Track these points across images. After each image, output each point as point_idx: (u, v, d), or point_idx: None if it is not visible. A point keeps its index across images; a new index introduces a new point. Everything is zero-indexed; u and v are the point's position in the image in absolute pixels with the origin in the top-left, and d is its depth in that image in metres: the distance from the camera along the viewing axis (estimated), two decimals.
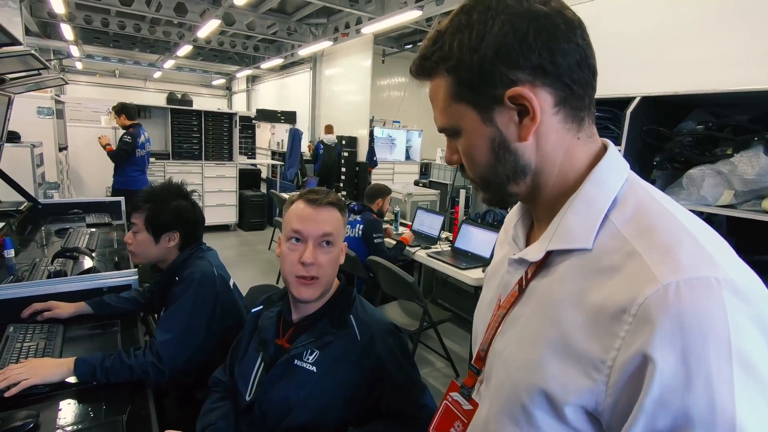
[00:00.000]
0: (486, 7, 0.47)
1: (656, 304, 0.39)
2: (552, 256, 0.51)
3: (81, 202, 3.12)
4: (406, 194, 4.73)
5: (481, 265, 2.85)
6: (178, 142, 5.90)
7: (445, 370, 2.95)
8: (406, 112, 9.87)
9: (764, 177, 1.29)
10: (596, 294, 0.44)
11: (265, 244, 5.73)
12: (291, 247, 1.01)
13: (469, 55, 0.47)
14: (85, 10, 7.92)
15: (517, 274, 0.55)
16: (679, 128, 1.57)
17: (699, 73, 1.65)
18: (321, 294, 1.03)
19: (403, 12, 5.68)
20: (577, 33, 0.47)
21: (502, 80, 0.47)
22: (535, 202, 0.55)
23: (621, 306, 0.42)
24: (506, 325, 0.55)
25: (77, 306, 1.51)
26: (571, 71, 0.47)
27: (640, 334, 0.40)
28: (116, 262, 1.97)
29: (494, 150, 0.50)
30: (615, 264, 0.44)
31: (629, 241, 0.45)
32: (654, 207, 0.47)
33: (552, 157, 0.50)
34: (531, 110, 0.47)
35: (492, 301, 0.61)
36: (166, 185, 1.52)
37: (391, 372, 1.00)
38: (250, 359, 1.09)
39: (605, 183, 0.49)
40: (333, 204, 1.05)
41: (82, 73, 13.40)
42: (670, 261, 0.41)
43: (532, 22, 0.46)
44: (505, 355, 0.54)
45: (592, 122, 0.51)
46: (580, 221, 0.49)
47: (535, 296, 0.52)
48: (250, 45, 10.32)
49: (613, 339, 0.42)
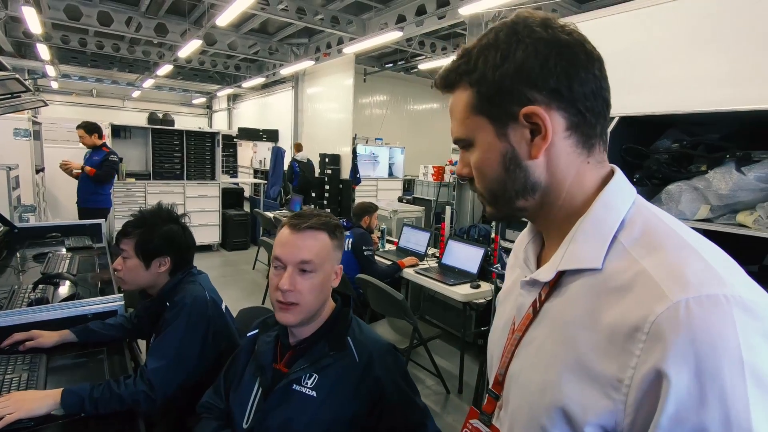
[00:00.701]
0: (513, 32, 0.50)
1: (667, 320, 0.41)
2: (564, 277, 0.52)
3: (59, 225, 3.04)
4: (391, 211, 4.77)
5: (468, 280, 2.88)
6: (159, 161, 5.83)
7: (436, 387, 2.94)
8: (388, 130, 9.98)
9: (737, 192, 1.36)
10: (608, 314, 0.46)
11: (249, 264, 5.65)
12: (274, 272, 1.02)
13: (492, 71, 0.50)
14: (63, 30, 7.84)
15: (530, 296, 0.56)
16: (655, 146, 1.64)
17: (673, 94, 1.74)
18: (303, 319, 1.02)
19: (384, 33, 5.80)
20: (595, 65, 0.50)
21: (520, 98, 0.50)
22: (544, 220, 0.57)
23: (634, 324, 0.43)
24: (521, 348, 0.56)
25: (61, 334, 1.46)
26: (586, 99, 0.50)
27: (654, 351, 0.41)
28: (100, 287, 1.92)
29: (505, 165, 0.52)
30: (625, 283, 0.45)
31: (638, 261, 0.46)
32: (661, 227, 0.49)
33: (561, 178, 0.52)
34: (543, 129, 0.49)
35: (506, 325, 0.62)
36: (155, 210, 1.50)
37: (390, 393, 1.00)
38: (247, 385, 1.07)
39: (613, 205, 0.51)
40: (317, 228, 1.03)
41: (58, 93, 13.16)
42: (678, 279, 0.42)
43: (554, 49, 0.49)
44: (521, 378, 0.54)
45: (603, 150, 0.54)
46: (589, 242, 0.50)
47: (549, 317, 0.53)
48: (231, 64, 10.34)
49: (628, 357, 0.43)
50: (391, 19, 6.20)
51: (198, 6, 6.75)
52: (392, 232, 4.52)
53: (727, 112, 1.43)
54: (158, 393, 1.21)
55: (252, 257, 5.69)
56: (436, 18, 5.55)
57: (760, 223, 1.31)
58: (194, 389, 1.30)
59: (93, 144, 4.43)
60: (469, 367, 3.01)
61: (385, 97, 10.53)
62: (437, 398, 2.84)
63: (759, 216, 1.31)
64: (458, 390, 2.91)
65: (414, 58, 8.60)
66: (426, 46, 7.69)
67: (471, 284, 2.83)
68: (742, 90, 1.68)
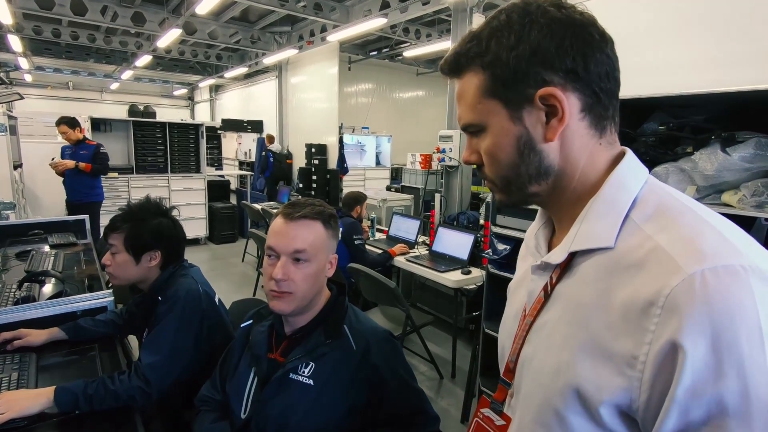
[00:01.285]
0: (526, 12, 0.49)
1: (683, 293, 0.40)
2: (575, 258, 0.52)
3: (41, 222, 2.96)
4: (380, 200, 4.76)
5: (459, 267, 2.91)
6: (142, 155, 5.71)
7: (430, 373, 2.97)
8: (374, 119, 9.92)
9: (722, 172, 1.38)
10: (622, 291, 0.45)
11: (238, 257, 5.61)
12: (268, 262, 1.01)
13: (507, 53, 0.49)
14: (34, 21, 7.55)
15: (541, 280, 0.56)
16: (642, 129, 1.66)
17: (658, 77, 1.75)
18: (297, 308, 1.01)
19: (368, 20, 5.72)
20: (608, 45, 0.50)
21: (536, 80, 0.49)
22: (555, 204, 0.56)
23: (648, 299, 0.42)
24: (533, 333, 0.55)
25: (50, 332, 1.44)
26: (600, 80, 0.49)
27: (669, 324, 0.40)
28: (88, 283, 1.89)
29: (519, 149, 0.51)
30: (638, 260, 0.45)
31: (651, 237, 0.45)
32: (675, 204, 0.48)
33: (575, 160, 0.52)
34: (560, 111, 0.49)
35: (517, 313, 0.61)
36: (144, 203, 1.47)
37: (388, 380, 1.00)
38: (242, 375, 1.07)
39: (625, 184, 0.50)
40: (311, 217, 1.02)
41: (33, 86, 12.71)
42: (693, 251, 0.42)
43: (570, 29, 0.48)
44: (534, 363, 0.54)
45: (615, 131, 0.53)
46: (601, 221, 0.50)
47: (561, 300, 0.52)
48: (212, 54, 10.11)
49: (643, 334, 0.42)
50: (375, 5, 6.11)
51: None
52: (382, 221, 4.52)
53: (711, 93, 1.44)
54: (154, 388, 1.20)
55: (240, 250, 5.64)
56: (421, 4, 5.49)
57: (744, 203, 1.34)
58: (190, 383, 1.30)
59: (78, 138, 4.35)
60: (461, 352, 3.06)
61: (371, 86, 10.44)
62: (431, 384, 2.88)
63: (743, 195, 1.34)
64: (451, 375, 2.95)
65: (399, 45, 8.52)
66: (411, 33, 7.62)
67: (462, 270, 2.85)
68: (725, 72, 1.70)
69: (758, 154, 1.33)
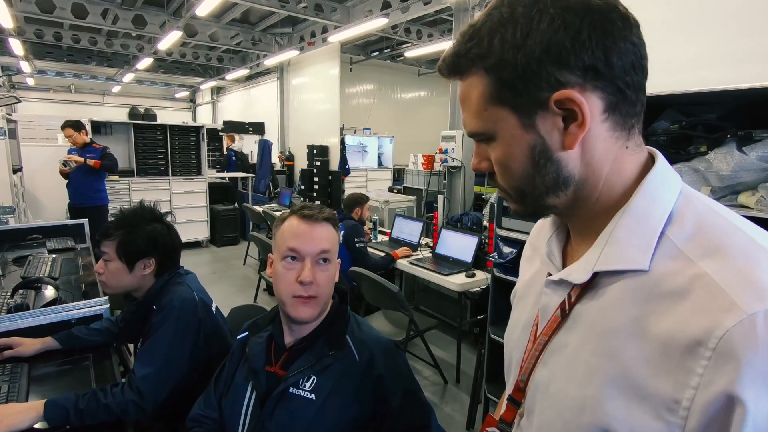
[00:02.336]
0: (533, 0, 0.42)
1: (742, 337, 0.35)
2: (600, 278, 0.46)
3: (40, 226, 2.93)
4: (382, 202, 4.72)
5: (463, 269, 2.85)
6: (143, 158, 5.69)
7: (434, 377, 2.92)
8: (376, 119, 9.88)
9: (739, 173, 1.33)
10: (660, 323, 0.40)
11: (240, 260, 5.57)
12: (287, 266, 0.96)
13: (513, 53, 0.42)
14: (36, 24, 7.56)
15: (556, 296, 0.50)
16: (653, 128, 1.61)
17: (669, 74, 1.70)
18: (319, 313, 0.99)
19: (369, 20, 5.68)
20: (633, 31, 0.43)
21: (549, 82, 0.42)
22: (576, 216, 0.50)
23: (694, 338, 0.37)
24: (548, 354, 0.50)
25: (43, 341, 1.40)
26: (626, 74, 0.42)
27: (723, 372, 0.35)
28: (84, 290, 1.84)
29: (534, 159, 0.45)
30: (680, 288, 0.39)
31: (695, 262, 0.40)
32: (719, 223, 0.42)
33: (598, 168, 0.45)
34: (580, 116, 0.42)
35: (527, 324, 0.56)
36: (137, 209, 1.43)
37: (393, 392, 0.96)
38: (239, 391, 1.02)
39: (658, 196, 0.44)
40: (328, 220, 1.01)
41: (35, 89, 12.74)
42: (750, 285, 0.36)
43: (586, 17, 0.41)
44: (552, 390, 0.49)
45: (641, 130, 0.47)
46: (632, 239, 0.44)
47: (583, 323, 0.47)
48: (213, 56, 10.10)
49: (688, 376, 0.37)
50: (375, 5, 6.08)
51: None
52: (384, 223, 4.48)
53: (724, 91, 1.39)
54: (148, 401, 1.16)
55: (242, 252, 5.61)
56: (422, 4, 5.45)
57: (762, 204, 1.29)
58: (186, 394, 1.25)
59: (84, 141, 4.34)
60: (466, 357, 3.00)
61: (372, 86, 10.40)
62: (435, 389, 2.82)
63: (761, 196, 1.29)
64: (456, 380, 2.90)
65: (400, 45, 8.48)
66: (412, 33, 7.58)
67: (466, 273, 2.80)
68: (738, 69, 1.65)
69: None
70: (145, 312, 1.36)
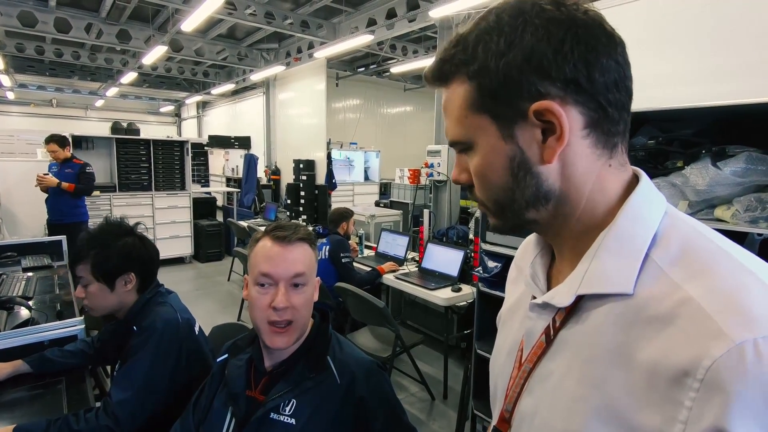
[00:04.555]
0: (519, 11, 0.42)
1: (730, 367, 0.33)
2: (583, 302, 0.45)
3: (15, 243, 2.85)
4: (368, 216, 4.71)
5: (449, 284, 2.85)
6: (125, 173, 5.60)
7: (421, 394, 2.88)
8: (362, 134, 9.95)
9: (714, 187, 1.36)
10: (645, 350, 0.38)
11: (224, 275, 5.48)
12: (261, 291, 0.93)
13: (495, 61, 0.42)
14: (17, 38, 7.47)
15: (541, 320, 0.49)
16: (631, 143, 1.64)
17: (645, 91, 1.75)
18: (296, 338, 0.96)
19: (355, 36, 5.75)
20: (617, 50, 0.43)
21: (530, 91, 0.42)
22: (557, 234, 0.49)
23: (681, 367, 0.35)
24: (534, 381, 0.48)
25: (13, 365, 1.34)
26: (608, 90, 0.42)
27: (712, 403, 0.34)
28: (58, 310, 1.78)
29: (513, 171, 0.45)
30: (665, 313, 0.38)
31: (680, 286, 0.38)
32: (705, 245, 0.41)
33: (580, 185, 0.44)
34: (558, 129, 0.42)
35: (512, 349, 0.54)
36: (104, 226, 1.37)
37: (375, 415, 0.93)
38: (218, 416, 0.98)
39: (642, 216, 0.43)
40: (303, 239, 0.98)
41: (14, 103, 12.53)
42: (738, 312, 0.35)
43: (570, 30, 0.41)
44: (537, 422, 0.47)
45: (626, 149, 0.46)
46: (616, 261, 0.42)
47: (568, 349, 0.45)
48: (199, 71, 10.09)
49: (676, 409, 0.35)
50: (361, 22, 6.16)
51: (162, 11, 6.55)
52: (371, 237, 4.46)
53: (699, 108, 1.43)
54: (124, 428, 1.12)
55: (227, 268, 5.52)
56: (407, 21, 5.54)
57: (737, 217, 1.32)
58: (163, 417, 1.21)
59: (66, 157, 4.25)
60: (453, 372, 2.98)
61: (359, 101, 10.49)
62: (422, 405, 2.79)
63: (736, 210, 1.32)
64: (443, 396, 2.86)
65: (386, 61, 8.59)
66: (397, 50, 7.69)
67: (452, 288, 2.79)
68: (712, 86, 1.71)
69: (749, 168, 1.31)
70: (125, 332, 1.31)
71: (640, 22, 1.92)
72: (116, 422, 1.11)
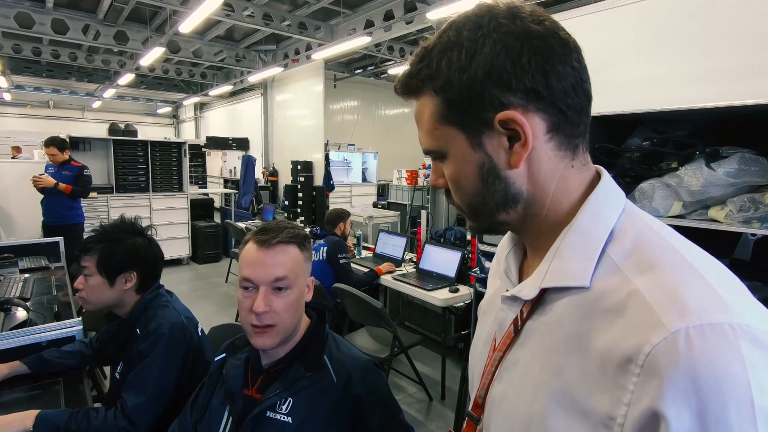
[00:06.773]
0: (477, 25, 0.45)
1: (664, 353, 0.36)
2: (547, 294, 0.47)
3: (12, 245, 2.84)
4: (366, 217, 4.71)
5: (447, 285, 2.86)
6: (123, 174, 5.60)
7: (419, 394, 2.89)
8: (360, 135, 9.96)
9: (708, 188, 1.38)
10: (599, 339, 0.41)
11: (222, 277, 5.48)
12: (244, 294, 0.93)
13: (458, 75, 0.45)
14: (14, 39, 7.46)
15: (511, 312, 0.51)
16: (627, 144, 1.66)
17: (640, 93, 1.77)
18: (281, 340, 0.95)
19: (352, 38, 5.77)
20: (572, 56, 0.45)
21: (493, 103, 0.44)
22: (527, 233, 0.52)
23: (626, 355, 0.38)
24: (503, 369, 0.51)
25: (11, 366, 1.34)
26: (566, 96, 0.45)
27: (649, 387, 0.36)
28: (56, 311, 1.79)
29: (483, 177, 0.47)
30: (616, 305, 0.41)
31: (630, 280, 0.41)
32: (655, 240, 0.44)
33: (545, 186, 0.47)
34: (523, 136, 0.44)
35: (488, 340, 0.57)
36: (118, 223, 1.39)
37: (371, 413, 0.94)
38: (215, 415, 0.99)
39: (601, 214, 0.46)
40: (287, 241, 0.96)
41: (11, 105, 12.49)
42: (675, 303, 0.38)
43: (526, 43, 0.43)
44: (504, 406, 0.50)
45: (587, 150, 0.49)
46: (575, 256, 0.45)
47: (533, 339, 0.48)
48: (197, 72, 10.09)
49: (621, 392, 0.38)
50: (359, 24, 6.18)
51: (159, 13, 6.55)
52: (368, 238, 4.47)
53: (693, 109, 1.45)
54: (140, 430, 1.15)
55: (224, 269, 5.52)
56: (404, 23, 5.56)
57: (731, 218, 1.33)
58: (165, 416, 1.22)
59: (64, 159, 4.24)
60: (450, 372, 2.98)
61: (356, 103, 10.50)
62: (420, 406, 2.79)
63: (730, 210, 1.33)
64: (441, 396, 2.87)
65: (383, 63, 8.62)
66: (395, 51, 7.71)
67: (450, 288, 2.80)
68: (706, 88, 1.73)
69: (742, 169, 1.33)
70: (127, 334, 1.32)
71: (634, 25, 1.94)
72: (132, 424, 1.14)
